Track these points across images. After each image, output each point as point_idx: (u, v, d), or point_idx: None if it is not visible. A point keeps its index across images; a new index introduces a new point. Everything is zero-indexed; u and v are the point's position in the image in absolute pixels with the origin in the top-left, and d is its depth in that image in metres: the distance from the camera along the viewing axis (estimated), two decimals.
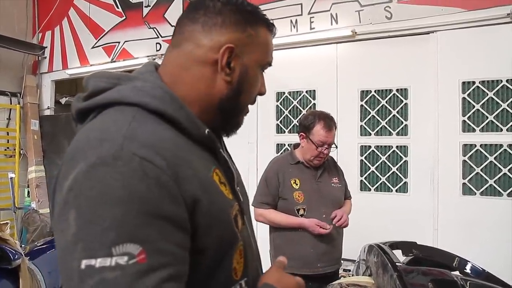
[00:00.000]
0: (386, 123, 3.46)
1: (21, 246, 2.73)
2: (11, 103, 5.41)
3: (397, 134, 3.42)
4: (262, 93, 0.87)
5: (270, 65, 0.86)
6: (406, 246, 2.00)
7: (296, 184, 2.28)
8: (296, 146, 2.45)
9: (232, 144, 1.17)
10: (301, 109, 3.84)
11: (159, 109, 0.70)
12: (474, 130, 3.12)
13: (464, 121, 3.15)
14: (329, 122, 2.24)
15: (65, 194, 0.61)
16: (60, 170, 0.66)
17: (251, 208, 2.01)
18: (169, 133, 0.70)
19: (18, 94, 5.48)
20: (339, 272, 2.65)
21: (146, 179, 0.60)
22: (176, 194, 0.62)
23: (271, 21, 0.85)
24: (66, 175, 0.62)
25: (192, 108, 0.75)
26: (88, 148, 0.63)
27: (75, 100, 0.79)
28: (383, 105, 3.48)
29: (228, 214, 0.73)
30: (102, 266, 0.55)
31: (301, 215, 2.23)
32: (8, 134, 5.42)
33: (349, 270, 2.82)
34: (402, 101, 3.40)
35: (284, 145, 3.91)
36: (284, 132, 3.92)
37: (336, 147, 2.35)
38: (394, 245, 1.96)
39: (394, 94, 3.44)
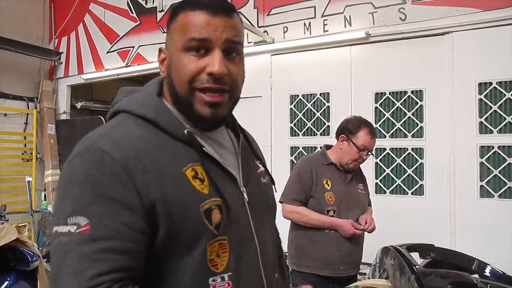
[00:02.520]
0: (401, 125, 3.43)
1: (38, 249, 2.76)
2: (28, 108, 5.51)
3: (413, 136, 3.39)
4: (210, 73, 0.81)
5: (197, 40, 0.81)
6: (424, 249, 1.97)
7: (328, 185, 2.27)
8: (328, 147, 2.44)
9: None
10: (315, 111, 3.83)
11: (141, 114, 0.84)
12: (491, 132, 3.07)
13: (481, 123, 3.10)
14: (373, 129, 2.29)
15: (58, 180, 0.81)
16: None
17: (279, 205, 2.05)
18: (145, 133, 0.81)
19: (35, 99, 5.58)
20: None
21: (102, 167, 0.74)
22: (127, 182, 0.74)
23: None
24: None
25: (178, 109, 0.88)
26: (77, 145, 0.80)
27: None
28: (398, 107, 3.45)
29: (195, 207, 0.79)
30: (61, 232, 0.71)
31: (330, 216, 2.22)
32: (25, 138, 5.51)
33: (365, 274, 2.79)
34: (417, 103, 3.37)
35: (298, 148, 3.90)
36: (298, 135, 3.91)
37: (373, 155, 2.34)
38: (411, 248, 1.93)
39: (409, 96, 3.41)
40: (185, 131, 0.83)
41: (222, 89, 0.82)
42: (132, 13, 5.05)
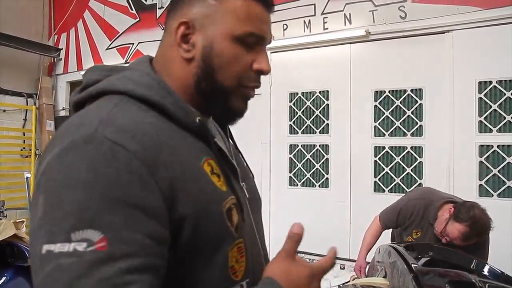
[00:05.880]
0: (400, 123, 3.43)
1: None
2: (27, 104, 5.49)
3: (412, 134, 3.38)
4: (260, 70, 0.75)
5: (255, 36, 0.73)
6: (422, 248, 1.96)
7: (416, 234, 2.32)
8: (449, 202, 2.28)
9: (245, 144, 1.15)
10: (314, 109, 3.82)
11: (144, 95, 0.69)
12: (491, 131, 3.06)
13: (480, 122, 3.10)
14: (470, 234, 2.05)
15: (38, 178, 0.60)
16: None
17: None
18: (153, 119, 0.67)
19: (34, 95, 5.55)
20: (353, 275, 2.66)
21: (115, 163, 0.57)
22: (148, 181, 0.58)
23: None
24: (43, 160, 0.62)
25: (180, 95, 0.73)
26: (65, 133, 0.62)
27: (72, 94, 0.78)
28: (397, 105, 3.44)
29: (219, 206, 0.68)
30: (60, 251, 0.52)
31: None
32: (24, 134, 5.49)
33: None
34: (417, 102, 3.36)
35: (297, 145, 3.89)
36: (297, 133, 3.90)
37: (454, 244, 2.14)
38: (410, 247, 1.92)
39: (408, 94, 3.40)
40: (197, 119, 0.71)
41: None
42: (132, 10, 5.03)
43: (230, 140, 0.92)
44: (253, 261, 0.75)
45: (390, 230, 2.61)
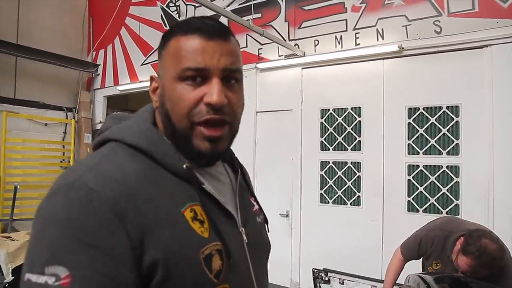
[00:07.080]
0: (435, 141, 3.30)
1: None
2: (67, 118, 5.72)
3: (448, 153, 3.25)
4: (208, 103, 0.74)
5: (193, 70, 0.74)
6: (454, 281, 1.87)
7: (437, 265, 2.21)
8: (463, 235, 2.09)
9: (276, 161, 1.12)
10: (346, 126, 3.75)
11: (133, 143, 0.75)
12: None
13: None
14: (479, 266, 1.89)
15: (34, 216, 0.68)
16: None
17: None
18: (137, 166, 0.72)
19: (74, 109, 5.79)
20: None
21: (88, 208, 0.63)
22: (116, 227, 0.63)
23: (190, 23, 0.77)
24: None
25: (170, 141, 0.79)
26: (60, 178, 0.70)
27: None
28: (432, 122, 3.33)
29: (195, 253, 0.70)
30: (35, 282, 0.60)
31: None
32: (64, 147, 5.71)
33: None
34: (453, 119, 3.23)
35: (329, 162, 3.83)
36: (329, 149, 3.84)
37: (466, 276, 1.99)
38: (439, 279, 1.83)
39: (444, 111, 3.28)
40: (184, 166, 0.75)
41: (223, 120, 0.76)
42: (166, 26, 5.15)
43: (243, 183, 0.94)
44: None
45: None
